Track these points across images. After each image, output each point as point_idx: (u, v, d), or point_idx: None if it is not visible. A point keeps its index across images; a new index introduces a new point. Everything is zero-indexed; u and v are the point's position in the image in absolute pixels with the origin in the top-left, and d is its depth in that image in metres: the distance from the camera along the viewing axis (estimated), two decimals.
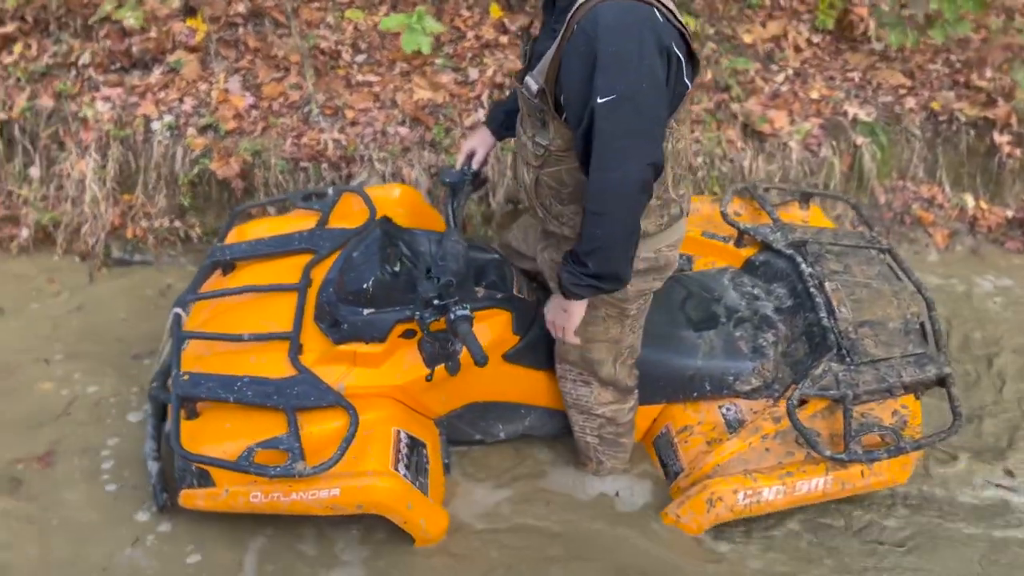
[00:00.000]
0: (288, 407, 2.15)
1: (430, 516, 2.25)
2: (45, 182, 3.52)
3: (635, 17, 1.72)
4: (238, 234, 2.70)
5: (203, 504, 2.22)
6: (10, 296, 3.33)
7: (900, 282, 2.56)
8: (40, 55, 3.63)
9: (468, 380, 2.35)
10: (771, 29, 4.18)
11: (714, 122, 3.65)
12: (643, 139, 1.77)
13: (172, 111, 3.53)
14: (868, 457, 2.15)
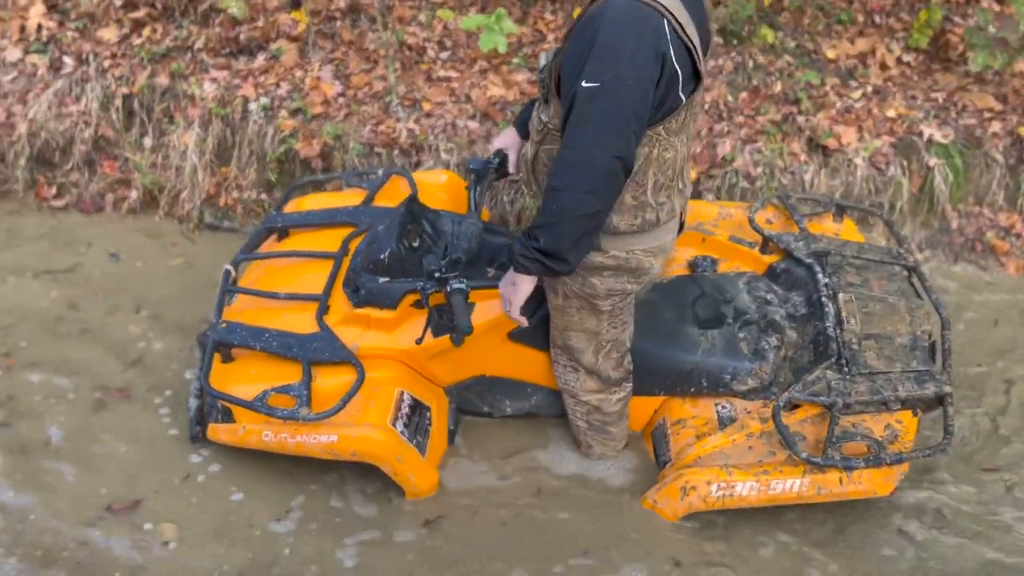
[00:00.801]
0: (305, 359, 2.39)
1: (420, 472, 2.43)
2: (155, 151, 3.94)
3: (640, 18, 1.81)
4: (296, 205, 2.98)
5: (224, 438, 2.49)
6: (123, 246, 3.76)
7: (919, 300, 2.53)
8: (163, 38, 4.07)
9: (474, 353, 2.52)
10: (859, 46, 4.14)
11: (779, 134, 3.67)
12: (614, 131, 1.85)
13: (268, 94, 3.88)
14: (844, 463, 2.16)
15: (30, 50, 4.08)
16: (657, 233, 2.18)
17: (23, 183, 3.98)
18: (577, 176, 1.90)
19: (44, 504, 2.59)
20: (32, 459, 2.73)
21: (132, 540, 2.50)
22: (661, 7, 1.81)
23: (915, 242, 3.71)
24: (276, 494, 2.63)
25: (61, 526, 2.53)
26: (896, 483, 2.25)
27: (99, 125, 3.93)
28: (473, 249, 2.34)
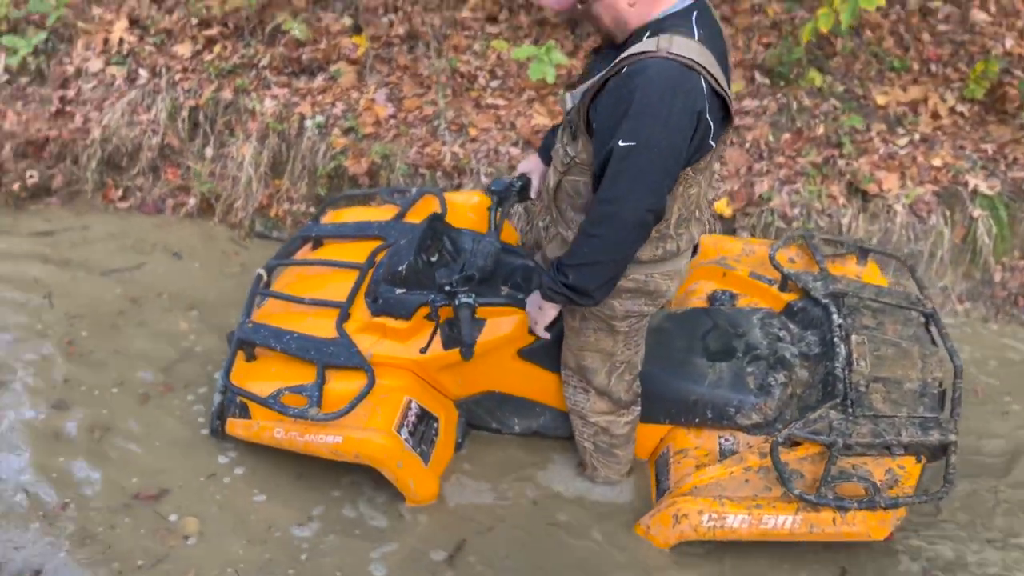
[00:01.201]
0: (320, 362, 2.51)
1: (420, 480, 2.50)
2: (215, 161, 4.15)
3: (678, 80, 1.87)
4: (333, 217, 3.12)
5: (240, 433, 2.61)
6: (184, 248, 3.97)
7: (934, 347, 2.51)
8: (232, 55, 4.30)
9: (484, 369, 2.60)
10: (912, 93, 4.12)
11: (819, 176, 3.67)
12: (647, 188, 1.94)
13: (324, 112, 4.06)
14: (837, 503, 2.14)
15: (111, 62, 4.36)
16: (676, 260, 2.27)
17: (92, 185, 4.24)
18: (610, 227, 2.00)
19: (82, 484, 2.74)
20: (75, 442, 2.89)
21: (156, 529, 2.62)
22: (697, 65, 1.88)
23: (955, 293, 3.65)
24: (298, 500, 2.71)
25: (94, 507, 2.67)
26: (892, 528, 2.21)
27: (166, 134, 4.16)
28: (488, 267, 2.43)
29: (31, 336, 3.35)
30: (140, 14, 4.51)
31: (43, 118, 4.27)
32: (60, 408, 3.05)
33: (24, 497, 2.69)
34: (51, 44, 4.46)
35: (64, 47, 4.45)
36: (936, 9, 4.61)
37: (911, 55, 4.32)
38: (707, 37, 1.94)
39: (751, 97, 3.96)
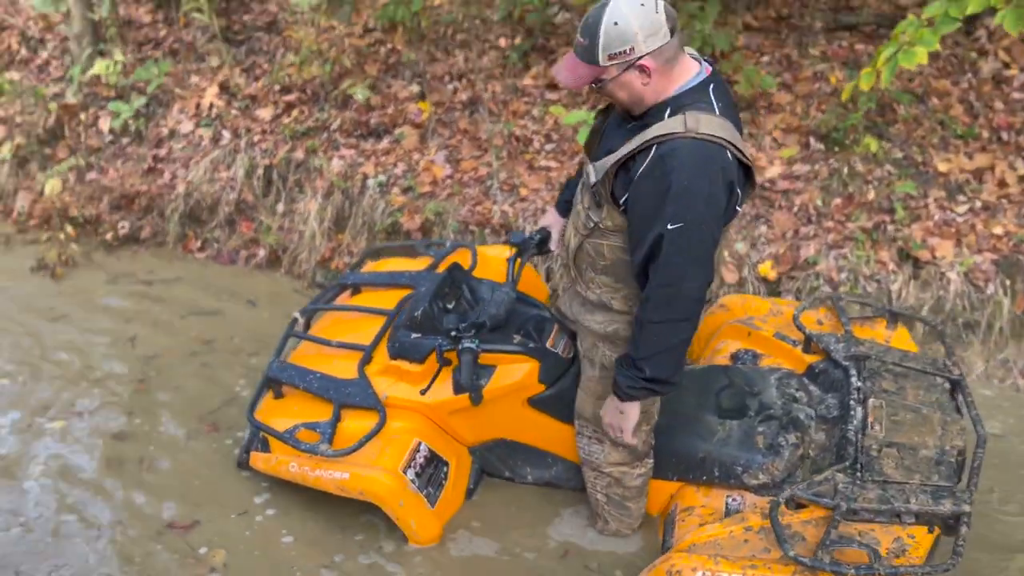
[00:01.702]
0: (337, 401, 2.61)
1: (421, 521, 2.54)
2: (284, 216, 4.42)
3: (709, 158, 1.95)
4: (373, 266, 3.27)
5: (261, 466, 2.72)
6: (255, 295, 4.22)
7: (957, 415, 2.39)
8: (307, 119, 4.61)
9: (495, 416, 2.64)
10: (978, 161, 4.00)
11: (868, 241, 3.59)
12: (702, 262, 2.02)
13: (386, 172, 4.28)
14: (834, 567, 2.05)
15: (200, 124, 4.75)
16: None
17: (175, 236, 4.58)
18: (673, 310, 2.06)
19: (124, 510, 2.91)
20: (125, 472, 3.08)
21: (185, 558, 2.74)
22: (724, 141, 1.96)
23: (1018, 367, 3.47)
24: (324, 543, 2.78)
25: (133, 533, 2.83)
26: None
27: (242, 190, 4.48)
28: (500, 316, 2.50)
29: (110, 373, 3.63)
30: (230, 81, 4.90)
31: (137, 174, 4.67)
32: (119, 439, 3.26)
33: (75, 517, 2.89)
34: (151, 108, 4.90)
35: (161, 111, 4.88)
36: (1011, 78, 4.49)
37: (980, 123, 4.21)
38: (724, 109, 2.01)
39: (803, 162, 3.94)
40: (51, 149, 5.02)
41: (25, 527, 2.82)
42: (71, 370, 3.65)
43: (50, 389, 3.53)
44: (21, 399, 3.47)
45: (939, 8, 3.24)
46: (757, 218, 3.77)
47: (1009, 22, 3.05)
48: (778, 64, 4.63)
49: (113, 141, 4.88)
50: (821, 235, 3.65)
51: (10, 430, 3.29)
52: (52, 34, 5.62)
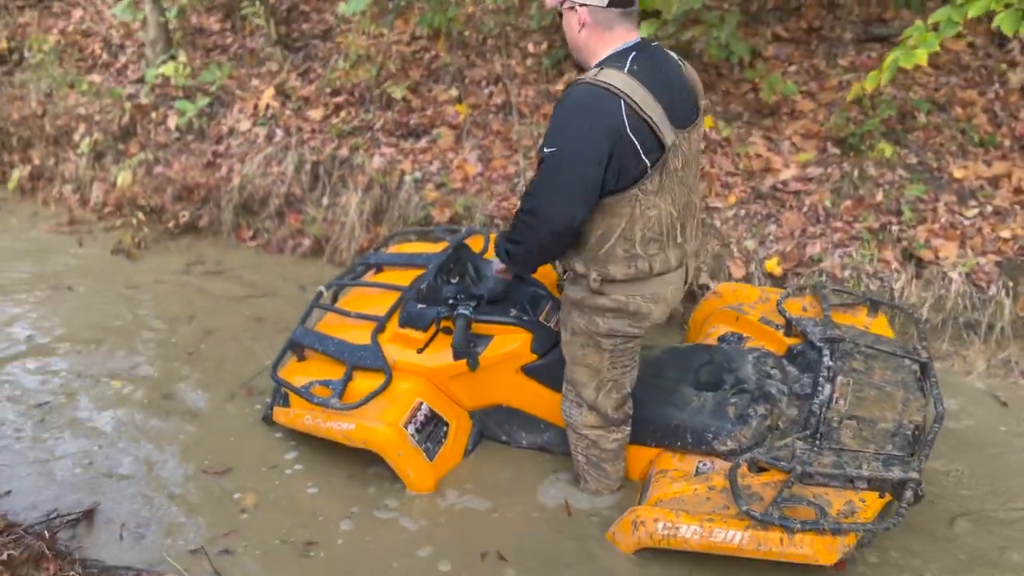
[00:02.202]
0: (349, 363, 2.90)
1: (418, 471, 2.79)
2: (328, 208, 4.75)
3: (595, 99, 2.20)
4: (397, 248, 3.56)
5: (282, 420, 3.02)
6: (304, 281, 4.55)
7: (920, 394, 2.53)
8: (353, 119, 4.95)
9: (491, 382, 2.88)
10: (996, 168, 4.08)
11: (873, 241, 3.71)
12: (564, 195, 2.25)
13: (422, 169, 4.57)
14: (782, 521, 2.21)
15: (256, 123, 5.14)
16: (654, 282, 2.44)
17: (229, 225, 4.96)
18: (532, 218, 2.34)
19: (168, 456, 3.22)
20: (171, 426, 3.41)
21: (219, 499, 3.04)
22: (616, 90, 2.18)
23: (1020, 368, 3.53)
24: (346, 496, 3.00)
25: (173, 473, 3.15)
26: (841, 555, 2.24)
27: (291, 184, 4.83)
28: (498, 290, 2.75)
29: (167, 344, 4.00)
30: (286, 84, 5.28)
31: (198, 168, 5.08)
32: (167, 398, 3.61)
33: (132, 460, 3.22)
34: (213, 107, 5.31)
35: (223, 110, 5.29)
36: None
37: (1002, 132, 4.28)
38: (641, 72, 2.23)
39: (816, 165, 4.08)
40: (124, 144, 5.48)
41: (79, 465, 3.17)
42: (137, 339, 4.03)
43: (118, 354, 3.91)
44: (95, 361, 3.85)
45: (943, 14, 3.38)
46: (768, 217, 3.93)
47: (1006, 24, 3.17)
48: (805, 73, 4.77)
49: (178, 137, 5.31)
50: (828, 234, 3.78)
51: (80, 385, 3.67)
52: (131, 40, 6.12)
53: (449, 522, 2.81)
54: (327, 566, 2.66)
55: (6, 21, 6.52)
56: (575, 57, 2.42)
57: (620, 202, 2.31)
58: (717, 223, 3.97)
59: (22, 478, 3.05)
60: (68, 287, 4.55)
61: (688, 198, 2.42)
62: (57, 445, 3.28)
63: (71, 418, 3.45)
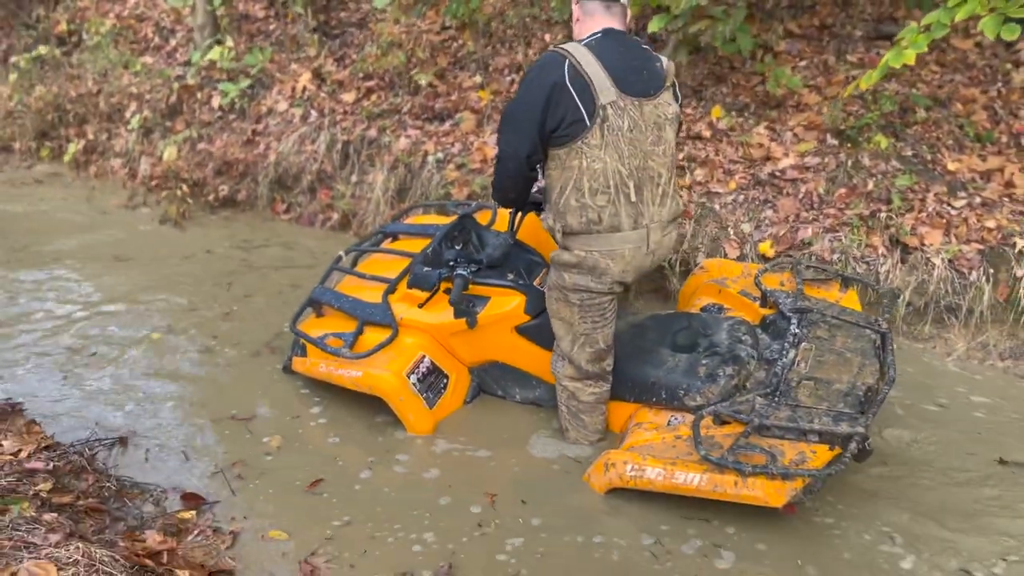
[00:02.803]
0: (361, 318, 3.22)
1: (417, 415, 3.09)
2: (356, 185, 5.08)
3: (547, 59, 2.67)
4: (413, 219, 3.86)
5: (299, 368, 3.34)
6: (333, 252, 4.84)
7: (875, 360, 2.76)
8: (382, 102, 5.26)
9: (488, 340, 3.16)
10: (990, 163, 4.25)
11: (863, 227, 3.92)
12: (512, 129, 2.70)
13: (444, 150, 4.87)
14: (735, 465, 2.45)
15: (293, 104, 5.48)
16: (610, 239, 2.73)
17: (264, 200, 5.31)
18: (499, 152, 2.78)
19: (202, 401, 3.53)
20: (203, 377, 3.72)
21: (246, 440, 3.34)
22: (567, 53, 2.62)
23: (997, 350, 3.72)
24: (364, 447, 3.22)
25: (203, 418, 3.47)
26: (788, 498, 2.45)
27: (323, 162, 5.16)
28: (496, 256, 3.04)
29: (206, 306, 4.32)
30: (323, 69, 5.62)
31: (238, 145, 5.44)
32: (203, 352, 3.94)
33: (166, 400, 3.54)
34: (254, 89, 5.67)
35: (263, 92, 5.64)
36: None
37: (1000, 128, 4.44)
38: (597, 46, 2.65)
39: (814, 155, 4.29)
40: (171, 122, 5.87)
41: (118, 399, 3.50)
42: (179, 302, 4.37)
43: (162, 312, 4.26)
44: (141, 319, 4.19)
45: (934, 16, 3.57)
46: (765, 202, 4.16)
47: (988, 28, 3.36)
48: (815, 68, 4.96)
49: (221, 116, 5.68)
50: (820, 220, 4.00)
51: (125, 336, 4.02)
52: (180, 25, 6.52)
53: (451, 465, 3.11)
54: (338, 502, 2.95)
55: (66, 5, 6.97)
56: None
57: (570, 154, 2.65)
58: (716, 207, 4.21)
59: (68, 405, 3.40)
60: (119, 255, 4.92)
61: (643, 162, 2.69)
62: (100, 381, 3.61)
63: (114, 360, 3.79)
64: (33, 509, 2.27)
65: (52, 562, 2.00)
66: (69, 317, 4.20)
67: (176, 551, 2.35)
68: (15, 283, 4.46)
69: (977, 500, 2.81)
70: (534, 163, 2.75)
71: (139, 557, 2.21)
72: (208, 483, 2.95)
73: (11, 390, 3.45)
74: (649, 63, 2.72)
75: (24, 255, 4.83)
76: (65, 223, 5.34)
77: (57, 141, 6.23)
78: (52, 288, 4.44)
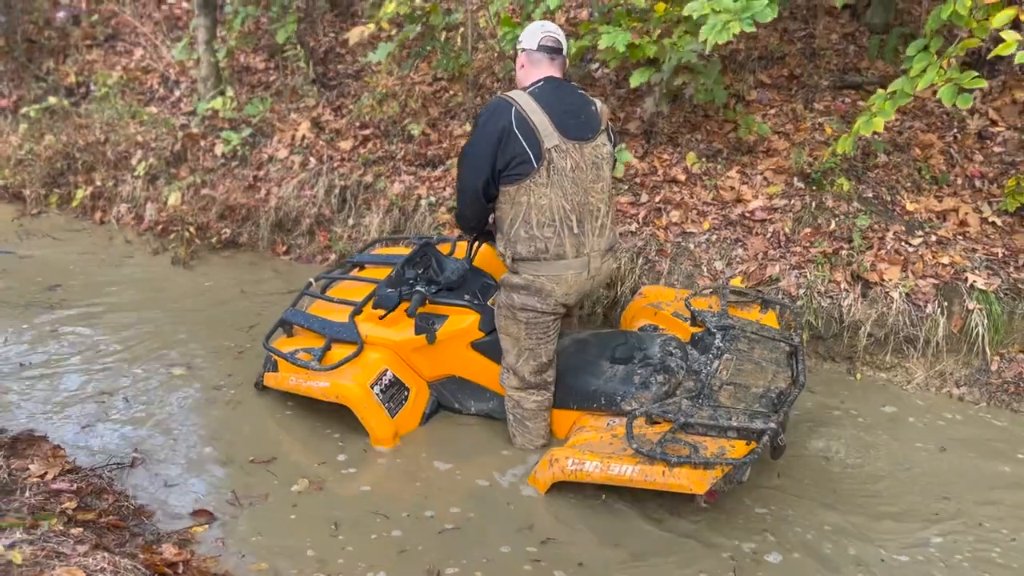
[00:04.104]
0: (328, 336, 3.59)
1: (380, 424, 3.42)
2: (352, 228, 5.36)
3: (497, 105, 3.03)
4: (379, 251, 4.28)
5: (271, 383, 3.67)
6: None
7: (788, 369, 3.27)
8: (378, 150, 5.57)
9: (446, 356, 3.56)
10: (946, 204, 4.56)
11: (826, 264, 4.20)
12: (468, 168, 3.10)
13: (436, 194, 5.16)
14: (661, 456, 2.78)
15: (293, 151, 5.78)
16: (555, 265, 3.12)
17: (265, 241, 5.58)
18: (458, 188, 3.21)
19: (216, 440, 3.69)
20: (216, 408, 3.94)
21: (264, 476, 3.53)
22: (513, 100, 3.02)
23: (953, 378, 3.99)
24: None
25: (214, 454, 3.66)
26: (710, 485, 2.73)
27: (321, 206, 5.45)
28: (453, 279, 3.53)
29: (216, 339, 4.53)
30: (321, 118, 5.94)
31: (240, 190, 5.73)
32: (216, 389, 4.13)
33: (179, 430, 3.76)
34: (255, 137, 5.98)
35: (263, 140, 5.95)
36: (996, 134, 5.02)
37: (956, 171, 4.76)
38: (540, 94, 3.05)
39: (782, 197, 4.60)
40: (175, 169, 6.16)
41: (132, 426, 3.69)
42: (196, 339, 4.54)
43: (183, 347, 4.44)
44: (161, 356, 4.35)
45: (898, 85, 3.91)
46: (736, 241, 4.45)
47: (945, 96, 3.71)
48: (784, 116, 5.30)
49: (224, 163, 5.98)
50: (787, 257, 4.28)
51: (150, 375, 4.17)
52: (185, 77, 6.85)
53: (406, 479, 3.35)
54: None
55: (75, 58, 7.31)
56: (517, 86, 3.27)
57: (520, 191, 3.04)
58: (691, 246, 4.50)
59: (89, 436, 3.59)
60: (136, 295, 5.08)
61: (584, 199, 3.10)
62: (117, 411, 3.81)
63: (134, 392, 3.99)
64: (61, 524, 2.49)
65: (81, 569, 2.22)
66: (93, 354, 4.38)
67: (191, 563, 2.57)
68: (37, 324, 4.68)
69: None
70: (490, 196, 3.13)
71: (158, 567, 2.43)
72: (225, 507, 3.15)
73: (37, 420, 3.67)
74: (586, 107, 3.14)
75: (44, 296, 5.06)
76: (81, 266, 5.57)
77: (66, 188, 6.49)
78: (72, 327, 4.66)
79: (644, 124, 5.25)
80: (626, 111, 5.36)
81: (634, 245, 4.56)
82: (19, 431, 3.36)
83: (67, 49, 7.41)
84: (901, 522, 3.09)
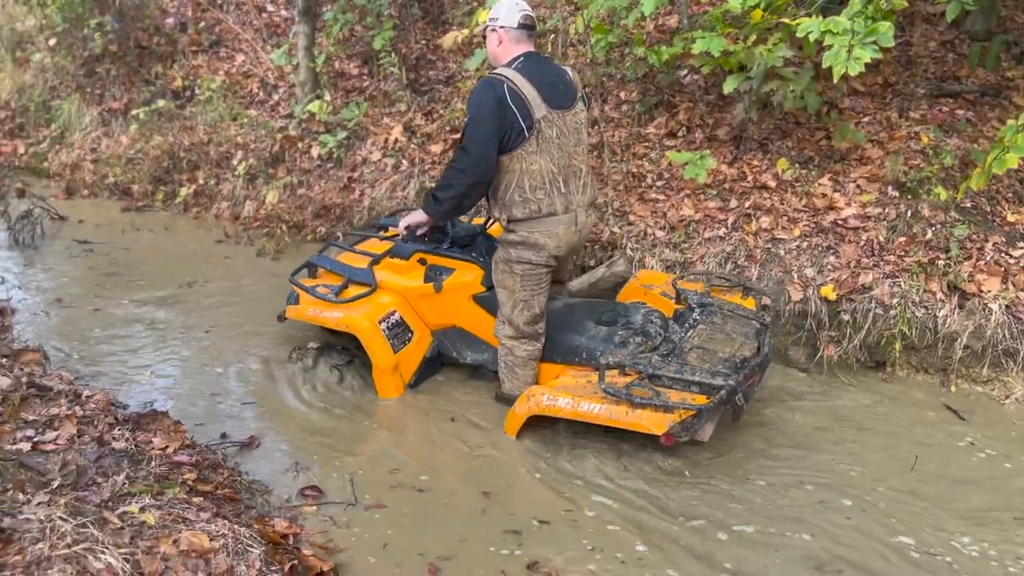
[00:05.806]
0: (347, 276, 4.03)
1: (383, 353, 3.82)
2: None
3: (489, 82, 3.29)
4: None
5: (291, 314, 4.06)
6: None
7: (755, 341, 3.53)
8: None
9: (449, 306, 3.95)
10: None
11: (922, 274, 4.14)
12: (475, 141, 3.27)
13: None
14: (626, 396, 3.09)
15: (386, 155, 5.98)
16: (546, 222, 3.43)
17: None
18: (459, 161, 3.33)
19: (274, 418, 3.94)
20: (245, 376, 4.13)
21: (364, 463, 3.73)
22: (503, 76, 3.29)
23: None
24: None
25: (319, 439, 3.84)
26: (667, 427, 3.03)
27: (412, 207, 5.60)
28: (462, 235, 3.93)
29: (283, 330, 4.69)
30: (413, 123, 6.12)
31: (335, 191, 5.94)
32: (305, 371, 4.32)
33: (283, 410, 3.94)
34: (350, 140, 6.20)
35: (358, 143, 6.16)
36: None
37: None
38: (524, 68, 3.32)
39: (876, 205, 4.54)
40: (273, 169, 6.43)
41: (242, 408, 3.90)
42: (259, 327, 4.72)
43: (249, 337, 4.62)
44: (222, 346, 4.54)
45: None
46: (827, 249, 4.41)
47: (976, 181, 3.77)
48: (878, 124, 5.23)
49: (320, 165, 6.21)
50: (881, 266, 4.23)
51: (216, 365, 4.35)
52: (283, 82, 7.14)
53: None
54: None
55: (182, 63, 7.69)
56: (491, 64, 3.53)
57: (513, 160, 3.34)
58: (781, 252, 4.48)
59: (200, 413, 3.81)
60: (228, 282, 5.37)
61: (569, 161, 3.43)
62: (232, 395, 4.02)
63: (245, 377, 4.19)
64: (183, 493, 2.66)
65: (206, 534, 2.38)
66: (209, 343, 4.57)
67: (300, 535, 2.71)
68: (136, 310, 4.96)
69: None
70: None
71: (272, 537, 2.58)
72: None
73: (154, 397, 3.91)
74: (562, 77, 3.44)
75: (143, 283, 5.35)
76: (179, 256, 5.87)
77: (171, 186, 6.84)
78: (171, 311, 4.91)
79: (734, 130, 5.26)
80: (715, 117, 5.38)
81: (722, 250, 4.57)
82: (142, 407, 3.60)
83: (174, 55, 7.79)
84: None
